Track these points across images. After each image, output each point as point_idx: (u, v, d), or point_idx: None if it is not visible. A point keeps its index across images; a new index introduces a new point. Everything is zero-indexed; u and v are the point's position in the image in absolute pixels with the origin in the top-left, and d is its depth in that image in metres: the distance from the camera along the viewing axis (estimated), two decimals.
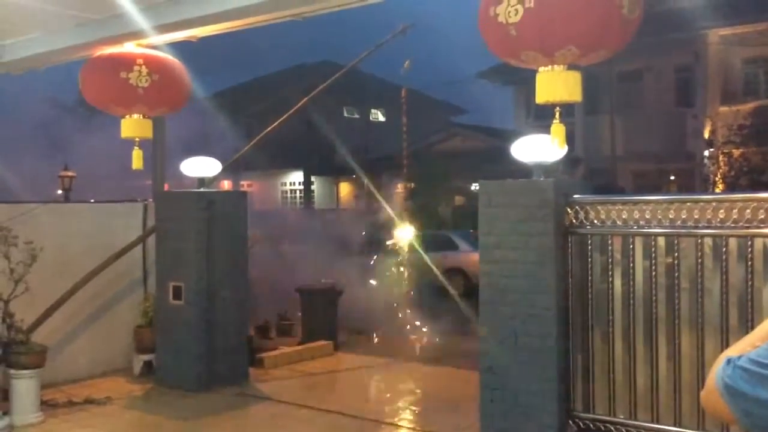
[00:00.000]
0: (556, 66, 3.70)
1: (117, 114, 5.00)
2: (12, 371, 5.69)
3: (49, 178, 8.45)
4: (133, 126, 4.98)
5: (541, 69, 3.78)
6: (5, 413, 5.59)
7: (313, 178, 27.28)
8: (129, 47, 4.77)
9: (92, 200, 7.93)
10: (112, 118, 5.79)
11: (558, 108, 3.81)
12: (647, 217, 4.70)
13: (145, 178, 8.30)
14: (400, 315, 9.28)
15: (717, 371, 1.36)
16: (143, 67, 4.68)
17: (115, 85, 4.71)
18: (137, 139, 5.04)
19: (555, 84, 3.76)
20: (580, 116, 20.27)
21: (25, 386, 5.68)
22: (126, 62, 4.66)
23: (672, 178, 20.35)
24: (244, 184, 23.17)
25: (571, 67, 3.76)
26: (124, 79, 4.62)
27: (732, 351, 1.43)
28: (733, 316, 4.36)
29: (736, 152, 17.80)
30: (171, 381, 6.76)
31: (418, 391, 6.73)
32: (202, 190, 6.94)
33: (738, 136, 17.83)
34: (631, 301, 4.74)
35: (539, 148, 5.02)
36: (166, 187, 8.13)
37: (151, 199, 7.58)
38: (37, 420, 5.72)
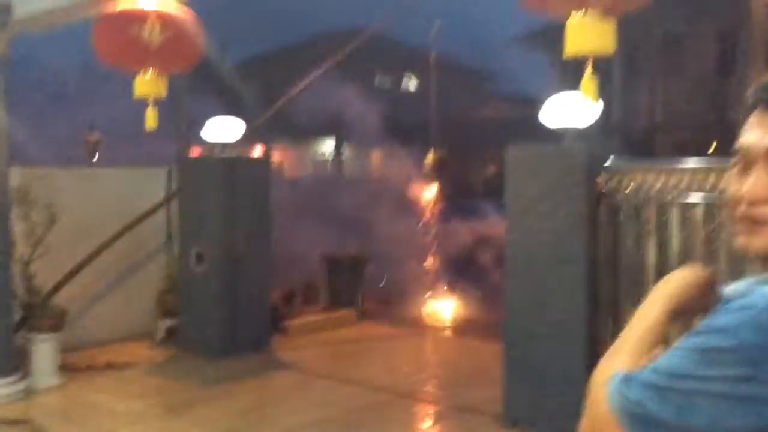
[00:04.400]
0: (587, 12, 3.42)
1: (129, 71, 4.88)
2: (31, 334, 5.67)
3: (70, 141, 8.41)
4: (147, 84, 4.84)
5: (572, 17, 3.51)
6: (24, 376, 5.59)
7: (344, 147, 27.12)
8: (141, 2, 4.62)
9: (117, 165, 7.85)
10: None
11: (590, 60, 3.55)
12: (685, 185, 4.44)
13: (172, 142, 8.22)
14: (426, 285, 9.13)
15: (608, 393, 1.03)
16: (156, 22, 4.53)
17: (126, 42, 4.57)
18: (151, 98, 4.91)
19: (586, 33, 3.49)
20: (617, 83, 19.71)
21: (44, 349, 5.66)
22: (138, 18, 4.52)
23: (714, 147, 19.75)
24: (275, 152, 23.08)
25: (605, 15, 3.48)
26: (135, 35, 4.48)
27: (612, 364, 1.09)
28: None
29: None
30: (193, 347, 6.72)
31: (443, 362, 6.59)
32: (225, 155, 6.83)
33: None
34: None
35: (570, 111, 4.77)
36: (194, 152, 8.02)
37: (174, 164, 7.48)
38: (56, 383, 5.72)
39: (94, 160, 8.28)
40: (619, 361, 1.11)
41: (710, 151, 19.66)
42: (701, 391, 0.96)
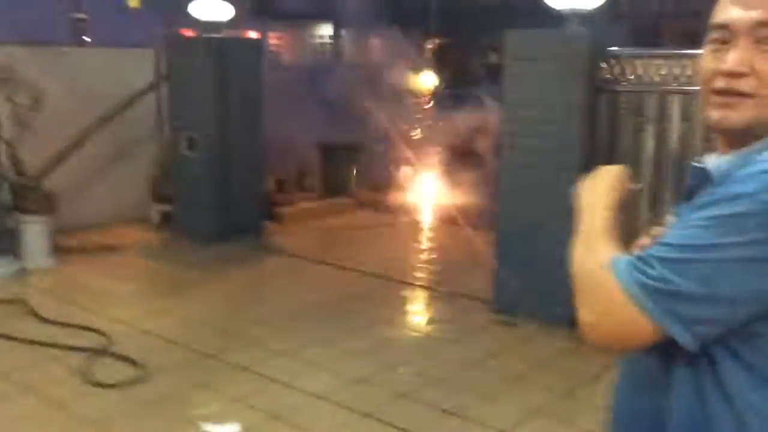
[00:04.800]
0: None
1: None
2: (22, 216, 5.65)
3: (52, 20, 8.09)
4: None
5: None
6: (17, 258, 5.62)
7: (343, 32, 26.33)
8: None
9: (103, 45, 7.59)
10: None
11: None
12: (688, 73, 4.29)
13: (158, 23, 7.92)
14: (424, 173, 9.08)
15: (619, 276, 1.02)
16: None
17: None
18: None
19: None
20: None
21: (36, 231, 5.66)
22: None
23: None
24: (272, 37, 22.42)
25: None
26: None
27: (595, 253, 1.10)
28: None
29: None
30: (188, 231, 6.74)
31: (436, 249, 6.63)
32: (215, 35, 6.57)
33: None
34: (663, 164, 4.43)
35: None
36: (183, 31, 7.73)
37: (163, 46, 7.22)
38: (50, 265, 5.75)
39: (83, 38, 7.99)
40: (601, 249, 1.11)
41: None
42: (725, 259, 0.98)
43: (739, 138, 1.09)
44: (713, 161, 1.13)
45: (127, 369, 3.98)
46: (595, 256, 1.09)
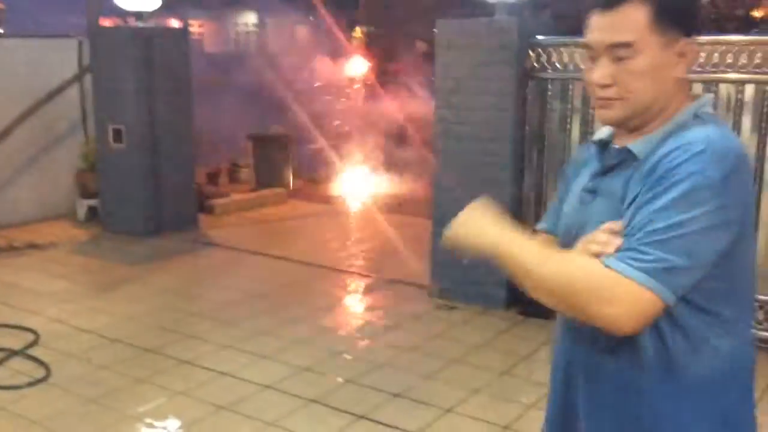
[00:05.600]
0: None
1: None
2: None
3: None
4: None
5: None
6: None
7: (267, 20, 25.99)
8: None
9: (22, 35, 7.31)
10: None
11: None
12: None
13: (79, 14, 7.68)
14: (357, 162, 9.13)
15: (618, 268, 1.20)
16: None
17: None
18: None
19: None
20: None
21: None
22: None
23: None
24: (194, 24, 21.95)
25: None
26: None
27: (563, 261, 1.28)
28: None
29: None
30: (117, 226, 6.60)
31: (371, 238, 6.71)
32: (140, 25, 6.43)
33: None
34: None
35: None
36: (107, 22, 7.54)
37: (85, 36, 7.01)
38: None
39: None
40: (568, 259, 1.29)
41: None
42: (696, 231, 1.19)
43: (626, 126, 1.35)
44: (633, 144, 1.34)
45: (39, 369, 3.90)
46: (573, 265, 1.26)
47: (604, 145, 1.43)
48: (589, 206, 1.40)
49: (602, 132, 1.46)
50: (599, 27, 1.30)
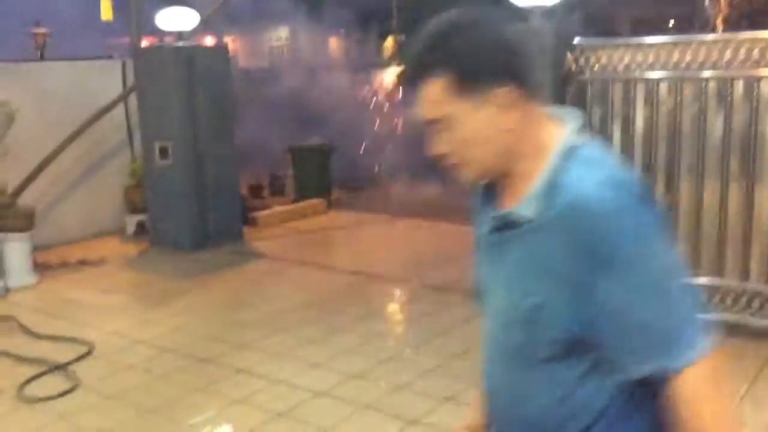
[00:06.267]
0: None
1: None
2: (2, 235, 5.63)
3: (17, 36, 8.04)
4: None
5: None
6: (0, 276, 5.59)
7: (299, 33, 26.26)
8: None
9: (69, 58, 7.55)
10: None
11: None
12: (650, 61, 4.49)
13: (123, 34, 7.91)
14: (395, 171, 9.20)
15: (690, 357, 1.09)
16: None
17: None
18: None
19: None
20: None
21: (16, 249, 5.64)
22: None
23: (672, 22, 19.69)
24: (228, 40, 22.28)
25: None
26: None
27: None
28: (734, 162, 4.27)
29: None
30: (165, 241, 6.76)
31: (412, 246, 6.76)
32: (181, 44, 6.61)
33: None
34: (631, 149, 4.61)
35: None
36: (146, 42, 7.74)
37: (129, 57, 7.22)
38: (32, 282, 5.74)
39: (42, 55, 7.94)
40: None
41: (669, 25, 19.62)
42: (671, 287, 1.13)
43: (492, 178, 1.27)
44: (518, 207, 1.21)
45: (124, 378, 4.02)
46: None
47: (489, 187, 1.31)
48: (497, 268, 1.28)
49: None
50: (416, 104, 1.23)
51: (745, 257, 4.30)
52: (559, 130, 1.22)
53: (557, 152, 1.19)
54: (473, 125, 1.19)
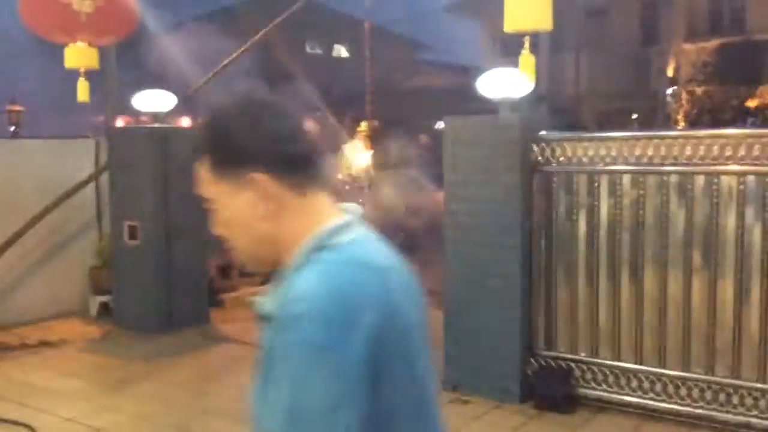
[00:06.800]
0: None
1: (59, 42, 4.69)
2: None
3: None
4: (77, 55, 4.68)
5: None
6: None
7: None
8: None
9: (42, 137, 7.57)
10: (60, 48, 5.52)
11: (527, 38, 3.65)
12: (613, 154, 4.63)
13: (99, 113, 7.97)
14: None
15: None
16: None
17: (55, 11, 4.40)
18: (82, 70, 4.75)
19: (525, 10, 3.59)
20: (544, 54, 20.06)
21: None
22: None
23: (635, 116, 20.44)
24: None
25: None
26: (65, 4, 4.30)
27: None
28: (697, 254, 4.36)
29: (698, 90, 17.89)
30: (129, 323, 6.62)
31: None
32: (156, 125, 6.67)
33: (701, 74, 17.90)
34: (595, 240, 4.70)
35: (505, 83, 4.88)
36: (120, 122, 7.80)
37: (103, 136, 7.26)
38: None
39: (14, 130, 7.96)
40: None
41: (633, 117, 20.34)
42: (314, 420, 1.06)
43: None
44: (263, 299, 1.21)
45: None
46: None
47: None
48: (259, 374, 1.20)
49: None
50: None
51: (709, 349, 4.34)
52: (321, 225, 1.18)
53: (304, 248, 1.16)
54: (231, 210, 1.20)
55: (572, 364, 4.77)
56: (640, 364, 4.53)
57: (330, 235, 1.17)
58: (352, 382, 1.05)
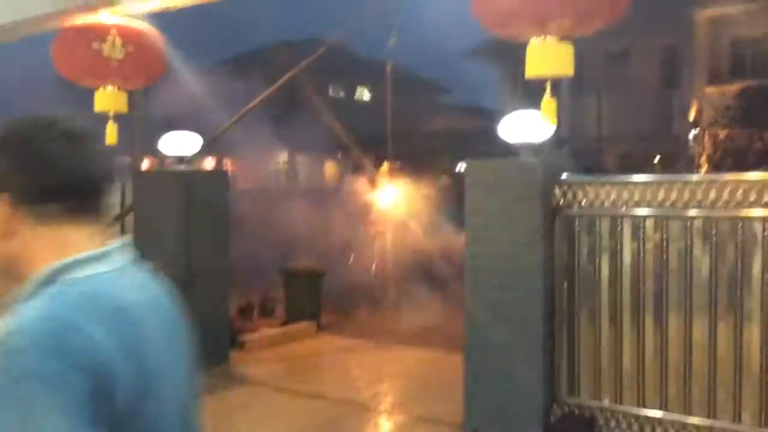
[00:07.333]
0: (547, 37, 3.54)
1: (90, 86, 4.81)
2: None
3: None
4: (107, 99, 4.80)
5: (532, 40, 3.63)
6: None
7: (298, 157, 27.02)
8: (103, 17, 4.58)
9: None
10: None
11: (549, 82, 3.68)
12: (636, 198, 4.61)
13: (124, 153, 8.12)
14: (385, 296, 9.19)
15: None
16: (117, 37, 4.49)
17: (87, 57, 4.52)
18: (111, 113, 4.86)
19: (546, 56, 3.63)
20: (565, 97, 20.15)
21: None
22: (99, 32, 4.47)
23: (657, 159, 20.36)
24: (228, 163, 22.90)
25: (564, 39, 3.60)
26: (96, 51, 4.43)
27: None
28: (722, 300, 4.29)
29: (721, 133, 17.80)
30: None
31: (402, 374, 6.65)
32: (180, 169, 6.77)
33: (724, 117, 17.82)
34: (619, 284, 4.65)
35: (527, 126, 4.90)
36: (146, 163, 7.95)
37: (128, 178, 7.39)
38: None
39: None
40: None
41: (655, 161, 20.26)
42: None
43: None
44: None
45: None
46: None
47: None
48: None
49: None
50: None
51: (736, 397, 4.24)
52: (65, 257, 1.14)
53: (35, 279, 1.12)
54: None
55: (596, 411, 4.69)
56: (665, 410, 4.44)
57: (67, 268, 1.13)
58: (73, 418, 0.99)
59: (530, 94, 3.90)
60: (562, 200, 4.88)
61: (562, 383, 4.82)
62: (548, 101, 3.68)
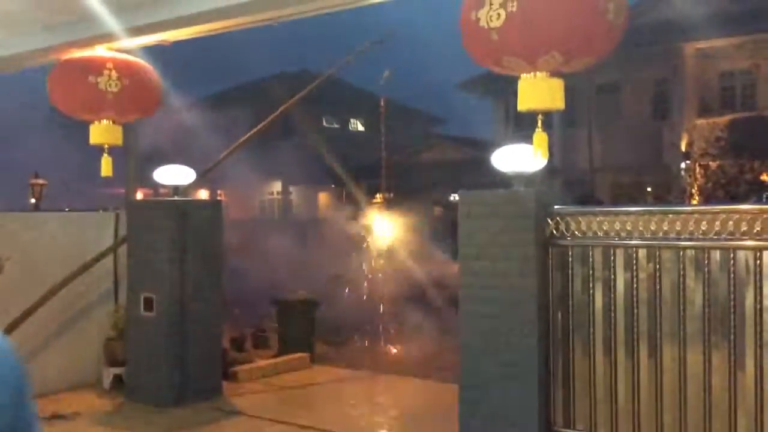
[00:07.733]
0: (538, 73, 3.60)
1: (85, 120, 4.85)
2: None
3: (19, 186, 8.28)
4: (102, 132, 4.83)
5: (524, 76, 3.69)
6: None
7: (291, 188, 27.10)
8: (99, 51, 4.63)
9: (65, 209, 7.72)
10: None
11: (540, 116, 3.73)
12: (628, 228, 4.64)
13: (119, 185, 8.14)
14: (379, 327, 9.16)
15: None
16: (113, 71, 4.54)
17: (83, 90, 4.56)
18: (106, 146, 4.90)
19: (537, 91, 3.68)
20: (558, 128, 20.34)
21: None
22: (95, 66, 4.52)
23: (649, 190, 20.50)
24: (221, 193, 22.97)
25: (554, 74, 3.67)
26: (92, 84, 4.47)
27: None
28: (715, 329, 4.30)
29: (712, 164, 17.98)
30: (142, 395, 6.57)
31: (397, 405, 6.61)
32: (175, 199, 6.78)
33: (714, 148, 18.01)
34: (612, 314, 4.66)
35: (520, 158, 4.95)
36: (139, 194, 7.95)
37: (123, 209, 7.39)
38: None
39: (35, 203, 8.13)
40: None
41: (647, 191, 20.40)
42: None
43: None
44: None
45: None
46: None
47: None
48: None
49: None
50: None
51: (731, 427, 4.23)
52: None
53: None
54: None
55: None
56: None
57: None
58: None
59: (523, 124, 3.96)
60: (555, 230, 4.90)
61: (558, 413, 4.80)
62: (540, 135, 3.73)
